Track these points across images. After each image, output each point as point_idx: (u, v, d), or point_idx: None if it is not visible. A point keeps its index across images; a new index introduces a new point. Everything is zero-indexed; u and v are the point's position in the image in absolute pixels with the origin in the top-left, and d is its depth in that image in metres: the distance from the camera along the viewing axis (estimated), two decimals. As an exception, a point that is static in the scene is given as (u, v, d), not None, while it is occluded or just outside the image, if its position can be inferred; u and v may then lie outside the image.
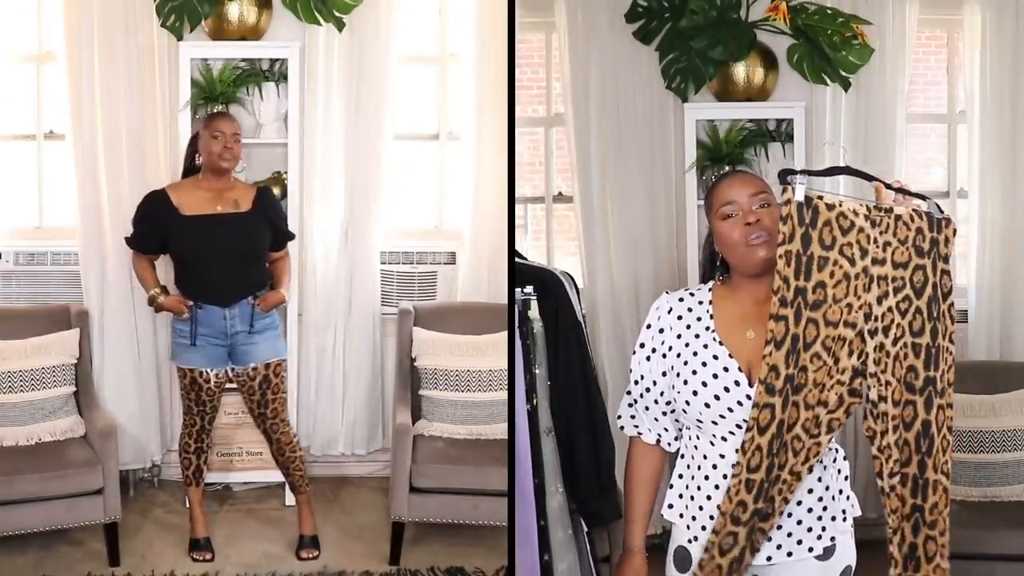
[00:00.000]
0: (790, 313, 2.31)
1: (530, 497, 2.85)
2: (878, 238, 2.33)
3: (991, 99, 4.62)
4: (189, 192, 4.09)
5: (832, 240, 2.31)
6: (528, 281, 2.99)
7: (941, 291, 2.35)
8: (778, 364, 2.30)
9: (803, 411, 2.32)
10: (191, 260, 4.05)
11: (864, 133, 4.65)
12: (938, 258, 2.36)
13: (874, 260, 2.33)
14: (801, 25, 4.53)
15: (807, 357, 2.31)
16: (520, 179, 3.60)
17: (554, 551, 2.92)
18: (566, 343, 3.20)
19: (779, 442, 2.32)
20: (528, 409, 2.90)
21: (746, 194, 2.42)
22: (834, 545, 2.44)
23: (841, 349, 2.32)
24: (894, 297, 2.34)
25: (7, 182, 4.90)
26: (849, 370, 2.33)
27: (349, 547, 4.35)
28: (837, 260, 2.31)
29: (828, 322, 2.31)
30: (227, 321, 4.03)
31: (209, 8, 4.55)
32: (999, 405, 4.31)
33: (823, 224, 2.31)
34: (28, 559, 4.12)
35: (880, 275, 2.33)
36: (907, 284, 2.34)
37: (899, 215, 2.35)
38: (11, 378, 4.31)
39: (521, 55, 5.70)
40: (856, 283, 2.32)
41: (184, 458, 4.26)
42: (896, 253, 2.34)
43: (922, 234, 2.35)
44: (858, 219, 2.33)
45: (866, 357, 2.34)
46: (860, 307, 2.33)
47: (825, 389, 2.32)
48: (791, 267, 2.30)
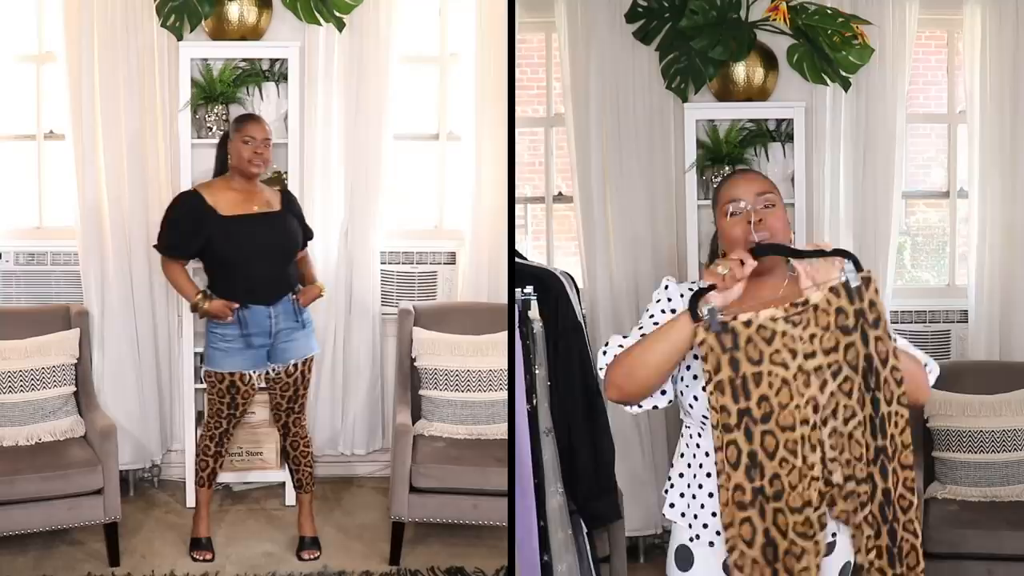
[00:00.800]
0: (739, 435, 2.32)
1: (530, 497, 2.86)
2: (802, 335, 2.32)
3: (991, 99, 4.62)
4: (223, 193, 4.04)
5: (760, 354, 2.32)
6: (528, 281, 3.00)
7: (879, 358, 2.33)
8: (741, 483, 2.33)
9: (791, 516, 2.33)
10: (233, 261, 4.01)
11: (864, 133, 4.65)
12: (867, 326, 2.32)
13: (805, 356, 2.33)
14: (801, 25, 4.53)
15: (775, 464, 2.33)
16: (520, 179, 3.60)
17: (554, 551, 2.92)
18: (566, 343, 3.21)
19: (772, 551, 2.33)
20: (528, 409, 2.90)
21: (752, 192, 2.43)
22: (835, 542, 2.45)
23: (805, 447, 2.33)
24: (833, 382, 2.33)
25: (7, 182, 4.90)
26: (818, 464, 2.34)
27: (349, 547, 4.35)
28: (771, 370, 2.32)
29: (783, 427, 2.32)
30: (272, 320, 4.03)
31: (209, 8, 4.55)
32: (999, 405, 4.31)
33: (746, 343, 2.31)
34: (28, 559, 4.12)
35: (815, 367, 2.33)
36: (843, 366, 2.33)
37: (816, 304, 2.33)
38: (11, 378, 4.31)
39: (521, 55, 5.70)
40: (796, 384, 2.33)
41: (202, 460, 4.23)
42: (824, 340, 2.33)
43: (843, 312, 2.33)
44: (777, 324, 2.32)
45: (823, 445, 2.34)
46: (807, 403, 2.33)
47: (804, 489, 2.33)
48: (727, 395, 2.32)
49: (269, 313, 4.03)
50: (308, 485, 4.30)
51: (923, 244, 8.03)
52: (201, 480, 4.25)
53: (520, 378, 2.89)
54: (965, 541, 4.00)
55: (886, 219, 4.65)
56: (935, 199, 6.17)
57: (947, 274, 5.15)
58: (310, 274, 4.29)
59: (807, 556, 2.34)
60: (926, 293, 5.40)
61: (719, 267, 2.32)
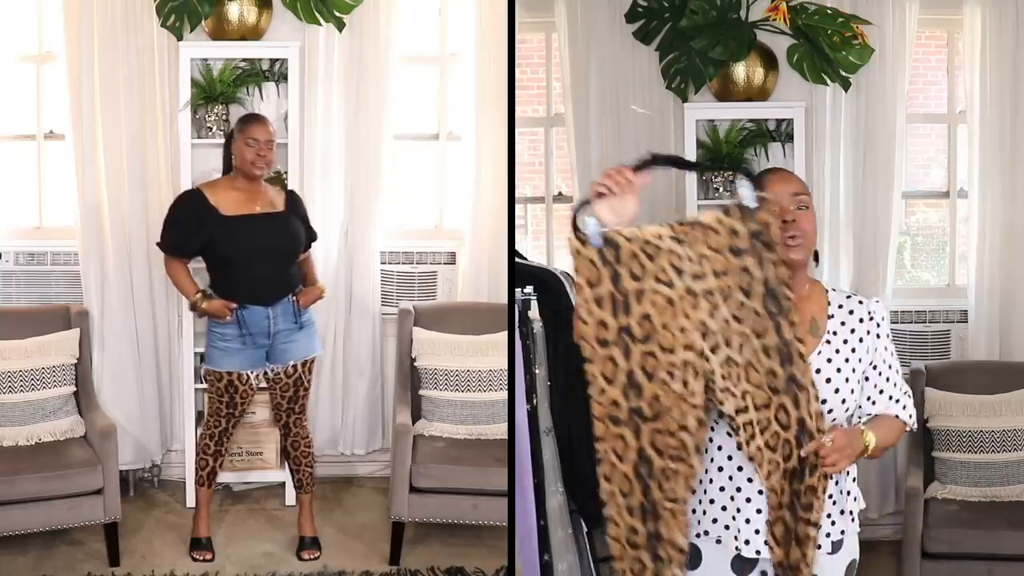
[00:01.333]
0: (616, 352, 2.26)
1: (530, 497, 2.86)
2: (690, 254, 2.26)
3: (991, 99, 4.62)
4: (225, 193, 4.04)
5: (642, 270, 2.25)
6: (528, 281, 3.00)
7: (780, 282, 2.27)
8: (617, 399, 2.27)
9: (667, 438, 2.29)
10: (234, 261, 4.01)
11: (864, 133, 4.65)
12: (763, 249, 2.26)
13: (693, 277, 2.26)
14: (801, 25, 4.53)
15: (655, 386, 2.27)
16: (520, 179, 3.60)
17: (554, 551, 2.92)
18: (566, 343, 3.20)
19: (647, 468, 2.30)
20: (528, 409, 2.90)
21: (787, 193, 2.43)
22: (842, 540, 2.46)
23: (687, 373, 2.28)
24: (725, 307, 2.27)
25: (7, 182, 4.90)
26: (700, 393, 2.29)
27: (349, 547, 4.35)
28: (654, 288, 2.25)
29: (665, 349, 2.26)
30: (270, 320, 4.02)
31: (209, 8, 4.55)
32: (999, 405, 4.31)
33: (629, 257, 2.25)
34: (28, 559, 4.12)
35: (704, 290, 2.26)
36: (734, 290, 2.27)
37: (706, 224, 2.27)
38: (11, 378, 4.31)
39: (521, 55, 5.70)
40: (682, 304, 2.26)
41: (201, 459, 4.23)
42: (714, 262, 2.26)
43: (735, 233, 2.26)
44: (663, 242, 2.26)
45: (713, 374, 2.28)
46: (696, 326, 2.27)
47: (685, 415, 2.29)
48: (606, 309, 2.25)
49: (268, 314, 4.02)
50: (308, 485, 4.29)
51: (923, 244, 8.02)
52: (201, 479, 4.25)
53: (520, 378, 2.89)
54: (965, 541, 4.01)
55: (886, 219, 4.66)
56: (935, 199, 6.17)
57: (947, 274, 5.15)
58: (312, 275, 4.28)
59: (678, 477, 2.30)
60: (926, 293, 5.40)
61: (600, 183, 2.29)
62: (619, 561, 2.38)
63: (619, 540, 2.36)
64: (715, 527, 2.46)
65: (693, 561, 2.50)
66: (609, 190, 2.30)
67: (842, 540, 2.46)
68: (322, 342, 4.90)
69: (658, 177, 4.71)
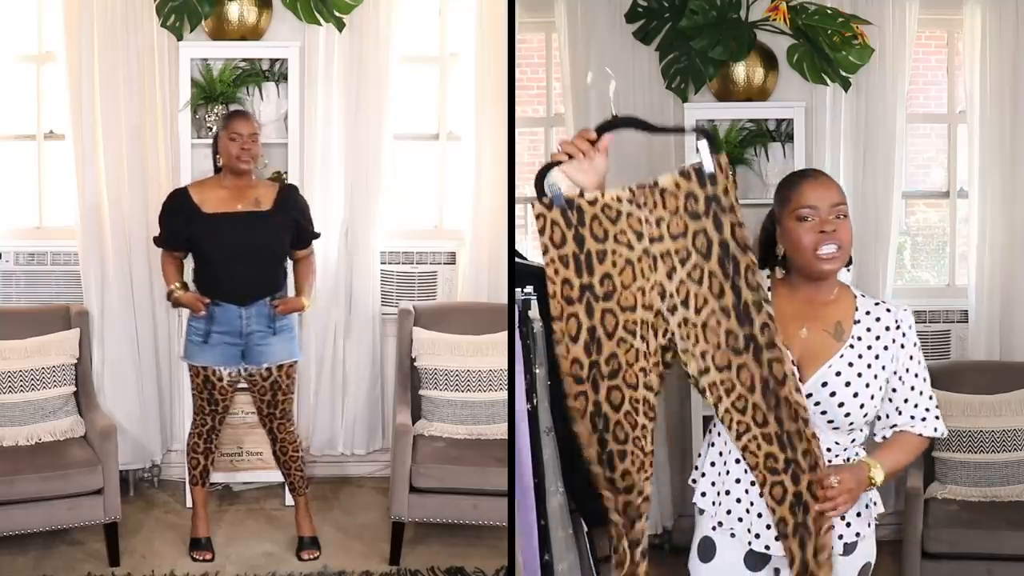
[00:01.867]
0: (580, 309, 2.36)
1: (530, 497, 2.85)
2: (649, 217, 2.34)
3: (991, 99, 4.62)
4: (211, 191, 4.07)
5: (604, 232, 2.35)
6: (528, 281, 2.99)
7: (736, 245, 2.31)
8: (579, 356, 2.38)
9: (627, 391, 2.37)
10: (212, 258, 4.03)
11: (864, 133, 4.65)
12: (720, 212, 2.30)
13: (651, 239, 2.34)
14: (801, 25, 4.53)
15: (613, 344, 2.36)
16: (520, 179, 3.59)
17: (554, 551, 2.92)
18: (566, 343, 3.20)
19: (602, 421, 2.39)
20: (528, 409, 2.90)
21: (828, 203, 2.44)
22: (856, 542, 2.47)
23: (648, 331, 2.36)
24: (682, 269, 2.34)
25: (7, 182, 4.90)
26: (660, 351, 2.37)
27: (349, 547, 4.35)
28: (615, 249, 2.34)
29: (624, 307, 2.35)
30: (243, 320, 4.02)
31: (209, 8, 4.55)
32: (999, 405, 4.31)
33: (591, 220, 2.34)
34: (28, 559, 4.12)
35: (662, 252, 2.34)
36: (692, 252, 2.33)
37: (664, 187, 2.34)
38: (11, 378, 4.31)
39: (521, 55, 5.70)
40: (640, 266, 2.35)
41: (192, 458, 4.25)
42: (671, 225, 2.33)
43: (693, 197, 2.32)
44: (623, 205, 2.34)
45: (672, 335, 2.36)
46: (652, 288, 2.35)
47: (647, 372, 2.37)
48: (570, 268, 2.36)
49: (241, 313, 4.01)
50: (301, 488, 4.29)
51: (923, 244, 8.03)
52: (194, 479, 4.26)
53: (520, 378, 2.88)
54: (965, 541, 4.00)
55: (886, 219, 4.66)
56: (935, 199, 6.18)
57: (947, 274, 5.15)
58: (302, 283, 4.22)
59: (643, 429, 2.38)
60: (926, 293, 5.40)
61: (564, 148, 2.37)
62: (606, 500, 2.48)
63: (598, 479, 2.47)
64: (729, 518, 2.46)
65: (707, 553, 2.51)
66: (571, 156, 2.36)
67: (856, 542, 2.46)
68: (321, 342, 4.92)
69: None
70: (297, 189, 4.29)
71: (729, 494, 2.47)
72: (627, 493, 2.41)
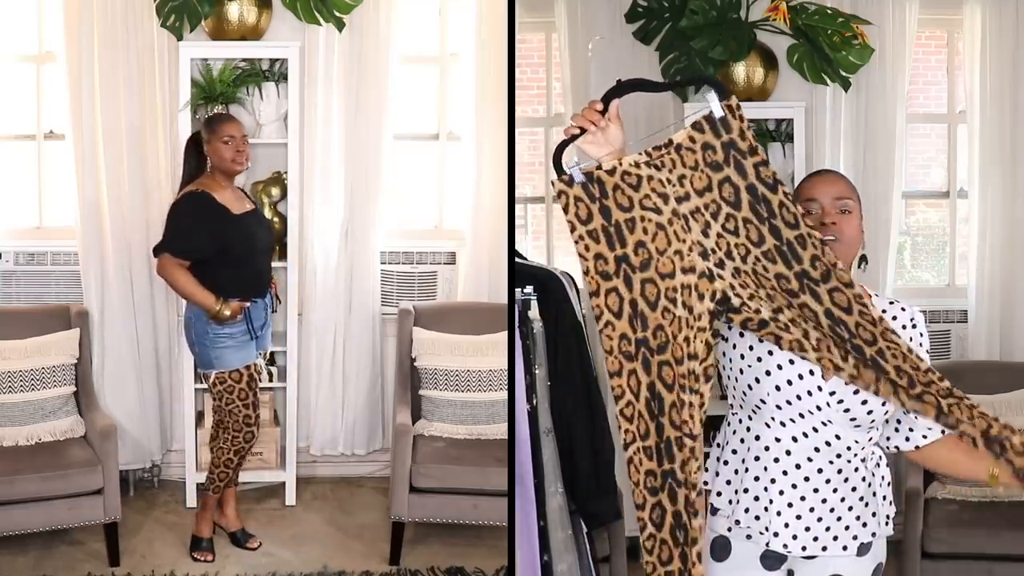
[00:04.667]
0: (619, 283, 2.27)
1: (530, 497, 2.85)
2: (670, 177, 2.26)
3: (991, 99, 4.62)
4: (222, 192, 4.03)
5: (629, 201, 2.26)
6: (528, 281, 2.99)
7: (765, 184, 2.22)
8: (626, 332, 2.27)
9: (676, 367, 2.26)
10: (244, 258, 4.05)
11: (864, 133, 4.65)
12: (740, 156, 2.23)
13: (678, 199, 2.25)
14: (801, 25, 4.53)
15: (658, 315, 2.26)
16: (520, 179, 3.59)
17: (554, 551, 2.92)
18: (566, 343, 3.20)
19: (657, 404, 2.28)
20: (528, 409, 2.90)
21: (830, 196, 2.43)
22: (871, 543, 2.46)
23: (690, 297, 2.26)
24: (716, 224, 2.25)
25: (7, 182, 4.90)
26: (706, 314, 2.26)
27: (349, 547, 4.35)
28: (643, 215, 2.26)
29: (663, 275, 2.26)
30: (266, 311, 4.16)
31: (209, 8, 4.55)
32: (999, 405, 4.31)
33: (613, 190, 2.27)
34: (28, 559, 4.12)
35: (691, 210, 2.25)
36: (721, 205, 2.25)
37: (679, 144, 2.26)
38: (11, 378, 4.31)
39: (521, 55, 5.70)
40: (673, 228, 2.25)
41: (223, 472, 4.17)
42: (694, 180, 2.25)
43: (711, 148, 2.24)
44: (642, 170, 2.26)
45: (720, 296, 2.26)
46: (690, 249, 2.26)
47: (690, 341, 2.26)
48: (601, 242, 2.28)
49: (263, 304, 4.14)
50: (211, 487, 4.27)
51: (923, 244, 8.02)
52: (217, 489, 4.22)
53: (520, 378, 2.89)
54: (965, 541, 4.01)
55: (886, 219, 4.66)
56: (935, 199, 6.17)
57: (947, 274, 5.15)
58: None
59: (690, 408, 2.27)
60: (926, 293, 5.40)
61: (572, 122, 2.30)
62: (640, 510, 2.33)
63: (639, 486, 2.32)
64: (746, 517, 2.45)
65: (722, 553, 2.50)
66: (583, 128, 2.31)
67: (872, 543, 2.46)
68: (321, 342, 4.93)
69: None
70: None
71: (748, 492, 2.46)
72: (687, 488, 2.28)
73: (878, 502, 2.47)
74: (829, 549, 2.43)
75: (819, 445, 2.41)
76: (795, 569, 2.47)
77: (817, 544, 2.43)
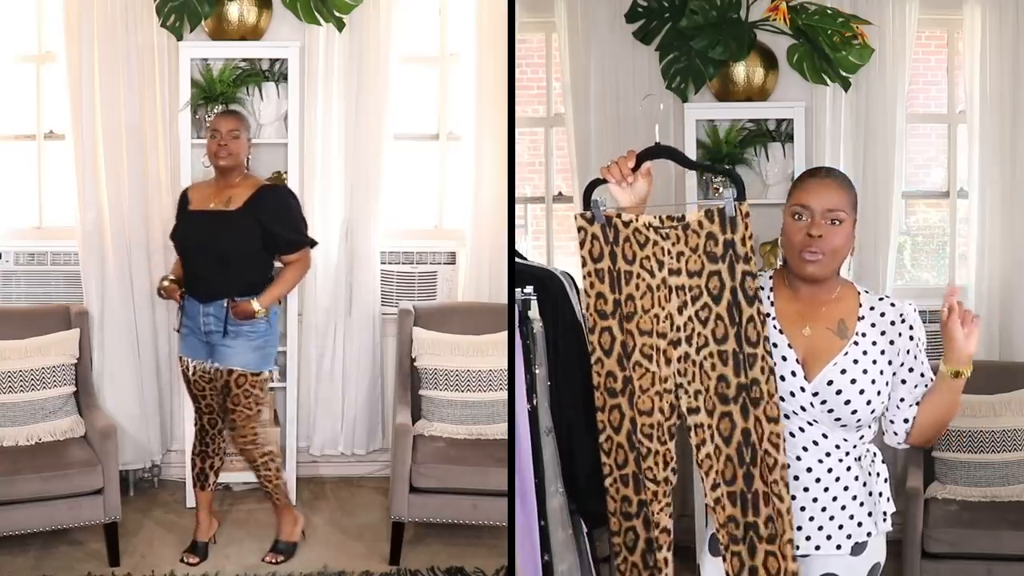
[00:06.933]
0: (613, 323, 2.45)
1: (530, 497, 2.85)
2: (671, 249, 2.40)
3: (991, 99, 4.62)
4: (201, 189, 4.13)
5: (633, 255, 2.43)
6: (528, 281, 2.99)
7: (745, 294, 2.34)
8: (613, 370, 2.46)
9: (642, 418, 2.44)
10: (183, 254, 4.08)
11: (864, 133, 4.65)
12: (735, 260, 2.34)
13: (670, 271, 2.41)
14: (801, 25, 4.53)
15: (631, 365, 2.45)
16: (520, 179, 3.59)
17: (554, 551, 2.92)
18: (566, 343, 3.20)
19: (634, 439, 2.47)
20: (528, 409, 2.90)
21: (821, 207, 2.42)
22: (866, 543, 2.47)
23: (660, 358, 2.43)
24: (693, 306, 2.39)
25: (7, 182, 4.90)
26: (671, 378, 2.43)
27: (349, 547, 4.35)
28: (639, 273, 2.43)
29: (642, 331, 2.44)
30: (202, 318, 3.97)
31: (209, 8, 4.55)
32: (999, 405, 4.31)
33: (624, 240, 2.43)
34: (28, 559, 4.12)
35: (677, 285, 2.40)
36: (703, 292, 2.38)
37: (688, 224, 2.39)
38: (11, 378, 4.31)
39: (521, 55, 5.70)
40: (658, 294, 2.42)
41: (191, 459, 4.26)
42: (689, 262, 2.39)
43: (713, 239, 2.36)
44: (651, 233, 2.41)
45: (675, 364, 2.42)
46: (665, 318, 2.42)
47: (660, 397, 2.44)
48: (605, 283, 2.44)
49: (200, 310, 3.98)
50: (276, 500, 4.25)
51: (923, 244, 8.03)
52: (193, 480, 4.26)
53: (520, 378, 2.88)
54: (965, 541, 4.01)
55: (886, 219, 4.65)
56: (935, 199, 6.17)
57: (947, 274, 5.15)
58: (272, 285, 4.01)
59: (655, 456, 2.44)
60: (926, 293, 5.39)
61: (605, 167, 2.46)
62: (616, 536, 2.50)
63: (615, 514, 2.51)
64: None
65: (718, 547, 2.51)
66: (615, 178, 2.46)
67: (866, 543, 2.46)
68: (321, 342, 4.92)
69: (658, 177, 4.73)
70: (278, 191, 4.11)
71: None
72: (654, 525, 2.46)
73: (874, 500, 2.47)
74: (823, 548, 2.44)
75: (806, 444, 2.43)
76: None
77: (810, 543, 2.43)
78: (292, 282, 4.12)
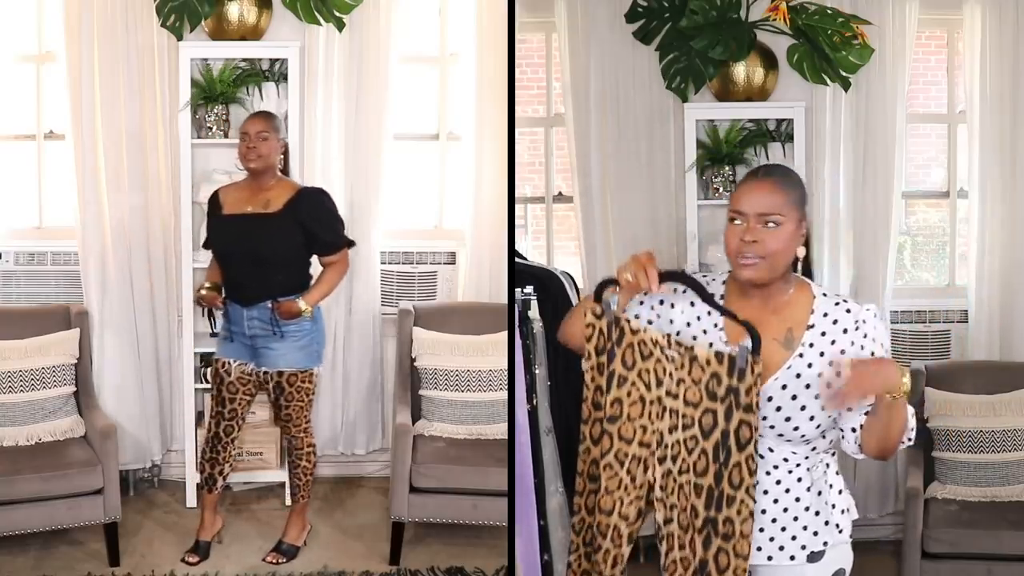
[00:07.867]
0: (604, 418, 2.46)
1: (530, 497, 2.85)
2: (674, 373, 2.36)
3: (991, 99, 4.62)
4: (233, 192, 4.07)
5: (633, 362, 2.41)
6: (528, 281, 2.99)
7: (736, 440, 2.27)
8: (597, 458, 2.46)
9: (600, 516, 2.45)
10: (221, 258, 4.06)
11: (864, 133, 4.65)
12: (735, 406, 2.27)
13: (668, 392, 2.37)
14: (801, 25, 4.53)
15: (601, 467, 2.44)
16: (520, 179, 3.59)
17: (554, 551, 2.92)
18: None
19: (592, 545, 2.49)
20: (528, 409, 2.90)
21: (754, 211, 2.31)
22: (824, 551, 2.42)
23: (637, 466, 2.42)
24: (682, 432, 2.35)
25: (7, 182, 4.90)
26: (646, 484, 2.42)
27: (349, 547, 4.35)
28: (635, 382, 2.41)
29: (622, 437, 2.43)
30: (246, 322, 3.97)
31: (209, 8, 4.55)
32: (999, 405, 4.31)
33: (626, 345, 2.41)
34: (28, 559, 4.12)
35: (672, 407, 2.37)
36: (695, 423, 2.33)
37: (696, 356, 2.31)
38: (11, 378, 4.31)
39: (521, 55, 5.70)
40: (651, 408, 2.40)
41: (199, 463, 4.25)
42: (689, 392, 2.33)
43: (717, 378, 2.28)
44: (657, 350, 2.38)
45: (655, 480, 2.41)
46: (653, 431, 2.40)
47: (624, 502, 2.43)
48: (603, 377, 2.44)
49: (244, 314, 3.98)
50: (299, 495, 4.25)
51: (923, 244, 8.03)
52: (201, 482, 4.24)
53: (520, 378, 2.89)
54: (965, 541, 4.01)
55: (886, 219, 4.66)
56: (935, 199, 6.17)
57: (947, 274, 5.15)
58: (314, 286, 4.04)
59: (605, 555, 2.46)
60: (926, 293, 5.39)
61: (627, 272, 2.35)
62: None
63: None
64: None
65: None
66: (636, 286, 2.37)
67: (823, 551, 2.41)
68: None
69: (658, 177, 4.72)
70: (318, 193, 4.11)
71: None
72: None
73: (829, 511, 2.43)
74: (775, 559, 2.41)
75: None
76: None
77: (761, 554, 2.41)
78: (334, 283, 4.12)
